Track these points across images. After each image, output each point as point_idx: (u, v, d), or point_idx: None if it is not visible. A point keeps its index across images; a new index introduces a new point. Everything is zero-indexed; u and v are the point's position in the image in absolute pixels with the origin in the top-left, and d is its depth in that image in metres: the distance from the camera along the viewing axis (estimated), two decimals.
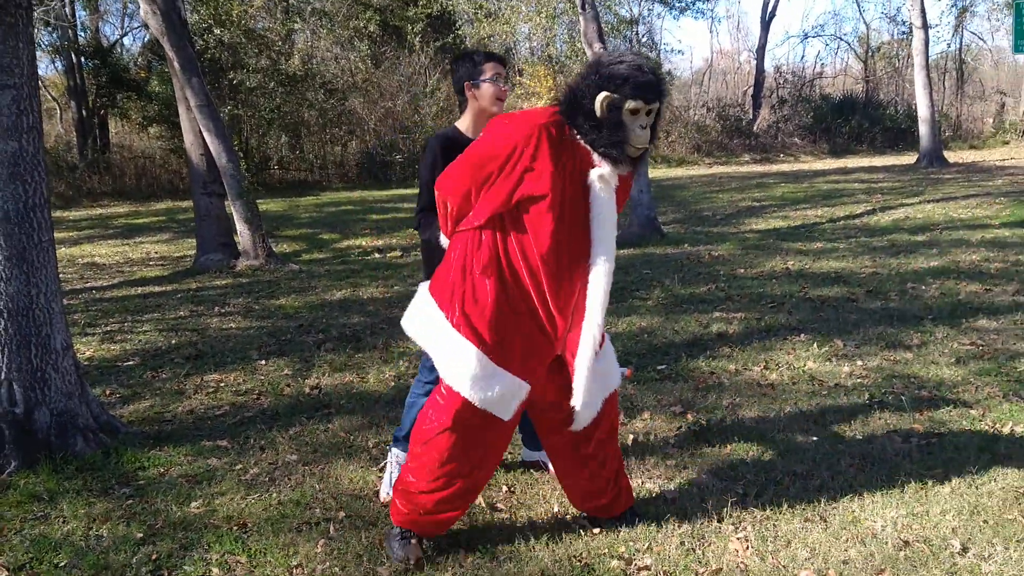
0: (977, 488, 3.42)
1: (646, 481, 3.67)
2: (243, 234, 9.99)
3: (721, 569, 2.92)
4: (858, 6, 56.85)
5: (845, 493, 3.46)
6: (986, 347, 5.40)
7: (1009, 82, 35.98)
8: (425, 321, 2.90)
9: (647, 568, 2.95)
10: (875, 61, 32.89)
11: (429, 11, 24.43)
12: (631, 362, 5.42)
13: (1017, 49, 11.17)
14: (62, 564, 3.18)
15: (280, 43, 23.02)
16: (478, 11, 25.35)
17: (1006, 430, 4.05)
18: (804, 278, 7.93)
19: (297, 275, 9.51)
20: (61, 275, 4.81)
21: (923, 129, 20.72)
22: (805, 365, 5.23)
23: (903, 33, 29.88)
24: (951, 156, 23.55)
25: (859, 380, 4.90)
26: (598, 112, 2.63)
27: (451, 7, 24.68)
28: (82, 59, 23.77)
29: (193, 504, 3.65)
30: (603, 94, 2.62)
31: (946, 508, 3.26)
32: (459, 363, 2.80)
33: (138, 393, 5.29)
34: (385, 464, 3.80)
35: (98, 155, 22.84)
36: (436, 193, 2.94)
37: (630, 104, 2.62)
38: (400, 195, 19.20)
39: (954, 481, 3.50)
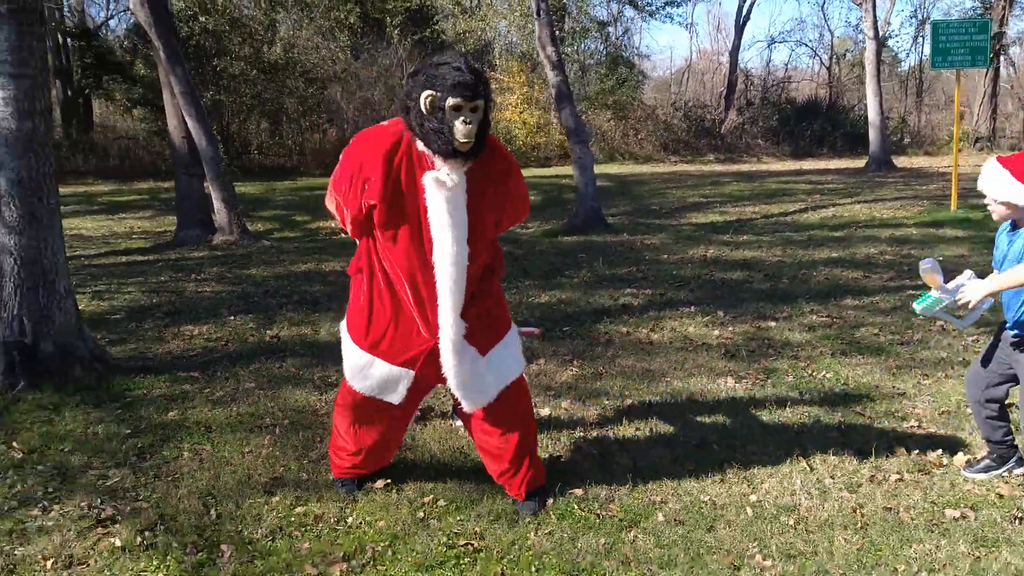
0: (772, 412, 4.47)
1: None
2: (220, 212, 10.91)
3: (561, 456, 3.95)
4: (823, 14, 58.32)
5: (675, 412, 4.49)
6: (839, 319, 6.45)
7: (969, 92, 37.30)
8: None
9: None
10: (840, 67, 34.12)
11: (408, 5, 25.30)
12: (544, 325, 6.43)
13: (934, 65, 12.22)
14: (67, 449, 4.14)
15: (263, 32, 23.82)
16: (455, 6, 26.30)
17: (818, 376, 5.10)
18: (716, 264, 8.98)
19: (268, 250, 10.44)
20: None
21: (872, 135, 21.90)
22: (686, 329, 6.26)
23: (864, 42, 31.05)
24: (904, 162, 24.75)
25: (723, 341, 5.94)
26: (424, 110, 2.87)
27: (429, 2, 25.58)
28: (68, 40, 24.46)
29: (170, 413, 4.62)
30: (426, 92, 2.86)
31: (743, 423, 4.30)
32: (345, 354, 3.27)
33: (124, 339, 6.23)
34: None
35: (82, 135, 23.58)
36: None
37: (451, 101, 2.84)
38: None
39: (765, 410, 4.55)
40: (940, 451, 3.90)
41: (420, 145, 2.96)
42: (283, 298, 7.60)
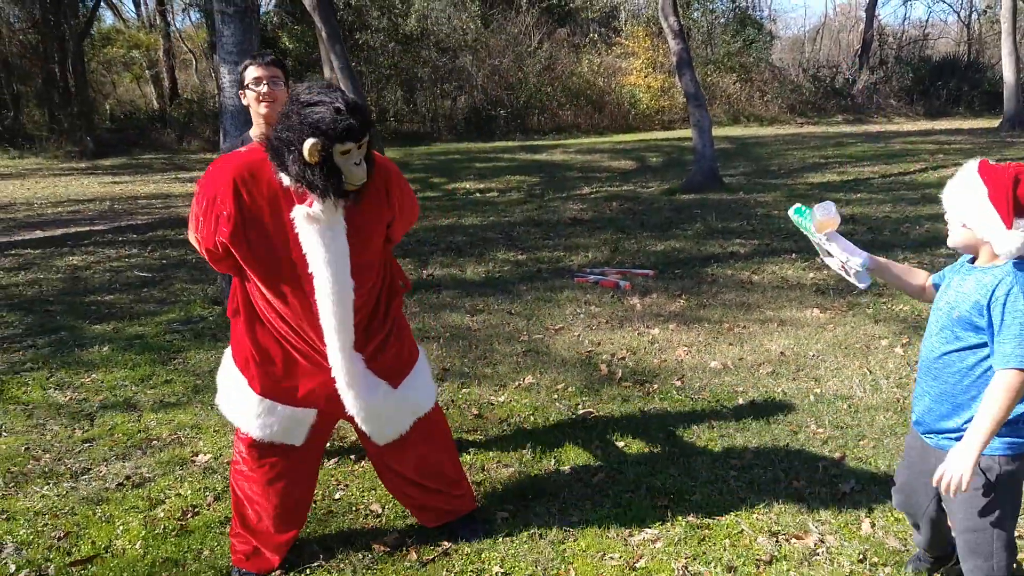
0: (847, 334, 5.33)
1: (640, 327, 5.71)
2: None
3: (665, 360, 4.97)
4: None
5: (764, 333, 5.41)
6: (928, 265, 7.12)
7: None
8: (224, 363, 3.01)
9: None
10: (981, 24, 32.77)
11: None
12: (657, 267, 7.40)
13: None
14: None
15: (399, 5, 25.30)
16: None
17: (896, 308, 5.89)
18: None
19: None
20: None
21: (1007, 94, 21.43)
22: (785, 272, 7.10)
23: None
24: None
25: (817, 281, 6.76)
26: (307, 158, 2.49)
27: None
28: None
29: None
30: (310, 141, 2.48)
31: (820, 341, 5.20)
32: (236, 402, 2.89)
33: None
34: None
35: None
36: None
37: (339, 147, 2.51)
38: (502, 147, 21.34)
39: (841, 332, 5.41)
40: None
41: (285, 179, 2.62)
42: (432, 246, 8.85)
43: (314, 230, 2.62)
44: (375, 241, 2.82)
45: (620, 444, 3.93)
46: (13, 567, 3.11)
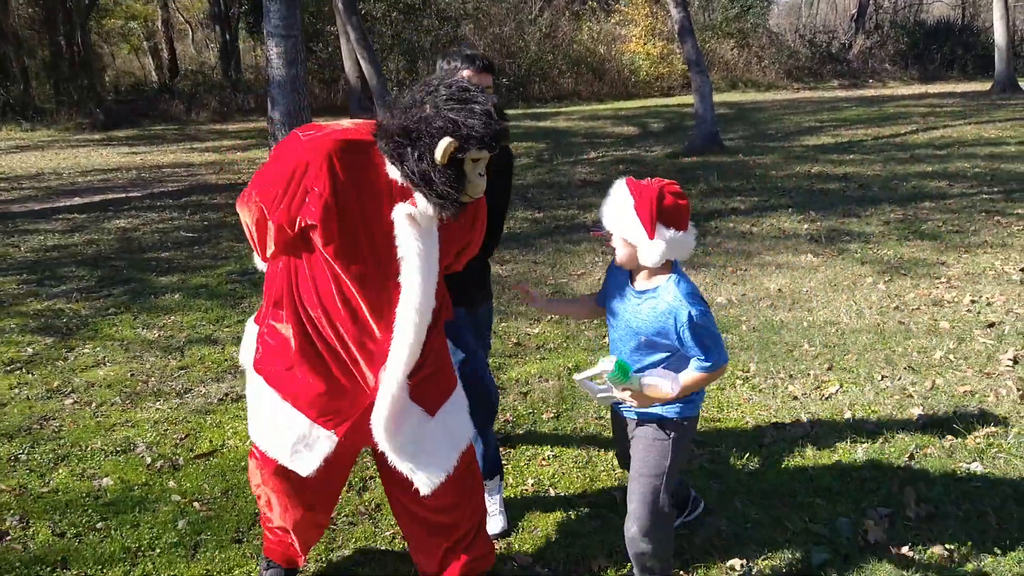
0: (836, 274, 6.02)
1: None
2: None
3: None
4: None
5: (763, 275, 6.09)
6: (911, 216, 7.80)
7: None
8: (245, 351, 2.68)
9: None
10: None
11: None
12: None
13: None
14: None
15: None
16: None
17: (881, 252, 6.59)
18: (818, 177, 10.31)
19: None
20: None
21: (998, 57, 21.99)
22: (781, 224, 7.77)
23: None
24: None
25: (810, 232, 7.43)
26: (439, 158, 2.21)
27: None
28: None
29: None
30: (447, 140, 2.19)
31: (812, 280, 5.89)
32: (253, 400, 2.62)
33: None
34: None
35: (241, 76, 26.24)
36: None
37: (474, 154, 2.25)
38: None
39: (831, 273, 6.10)
40: (955, 294, 5.40)
41: (393, 171, 2.31)
42: None
43: (414, 234, 2.33)
44: (445, 262, 2.51)
45: None
46: (149, 459, 3.81)
